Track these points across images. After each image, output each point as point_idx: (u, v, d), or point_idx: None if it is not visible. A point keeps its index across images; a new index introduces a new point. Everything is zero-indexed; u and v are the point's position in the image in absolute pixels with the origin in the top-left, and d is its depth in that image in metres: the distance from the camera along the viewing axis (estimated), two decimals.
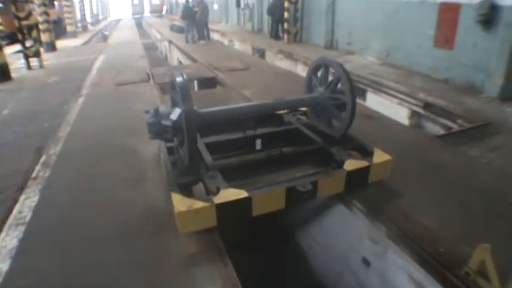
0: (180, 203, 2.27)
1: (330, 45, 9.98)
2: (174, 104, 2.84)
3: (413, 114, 5.45)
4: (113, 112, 4.63)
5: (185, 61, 8.77)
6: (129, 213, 2.60)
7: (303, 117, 3.72)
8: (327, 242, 3.61)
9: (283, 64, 9.70)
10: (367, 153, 3.03)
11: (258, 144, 3.34)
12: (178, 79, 2.47)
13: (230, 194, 2.36)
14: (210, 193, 2.41)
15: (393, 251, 2.73)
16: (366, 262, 3.05)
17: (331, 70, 3.21)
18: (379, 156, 2.92)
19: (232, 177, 2.67)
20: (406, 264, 2.63)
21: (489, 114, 4.64)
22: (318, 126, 3.37)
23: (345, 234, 3.30)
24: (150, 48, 10.00)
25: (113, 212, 2.64)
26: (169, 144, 3.01)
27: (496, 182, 3.10)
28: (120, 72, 6.30)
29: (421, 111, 5.26)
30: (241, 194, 2.38)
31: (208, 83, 6.62)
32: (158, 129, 2.54)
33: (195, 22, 10.79)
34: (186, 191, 2.48)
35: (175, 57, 9.90)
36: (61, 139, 3.86)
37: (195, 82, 6.98)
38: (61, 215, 2.64)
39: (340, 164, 2.89)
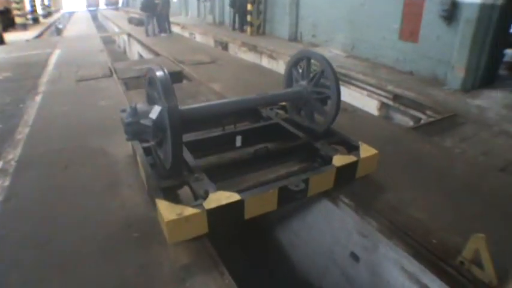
0: (167, 210, 2.04)
1: (294, 37, 9.94)
2: (151, 101, 2.58)
3: (383, 106, 5.53)
4: (77, 110, 4.21)
5: (147, 55, 8.31)
6: (107, 224, 2.32)
7: (281, 112, 3.59)
8: (310, 237, 3.53)
9: (247, 57, 9.52)
10: (352, 148, 2.96)
11: (239, 141, 3.17)
12: (159, 73, 2.23)
13: (221, 197, 2.18)
14: (198, 197, 2.21)
15: (384, 244, 2.69)
16: (355, 257, 3.01)
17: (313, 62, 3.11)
18: (366, 151, 2.86)
19: (217, 177, 2.48)
20: (398, 257, 2.61)
21: (454, 106, 4.81)
22: (299, 121, 3.25)
23: (330, 229, 3.23)
24: (107, 42, 9.30)
25: (88, 224, 2.34)
26: (145, 145, 2.75)
27: (471, 172, 3.17)
28: (80, 68, 5.79)
29: (390, 103, 5.35)
30: (233, 197, 2.20)
31: (174, 77, 6.28)
32: (137, 130, 2.28)
33: (155, 14, 10.26)
34: (171, 196, 2.26)
35: (136, 51, 9.37)
36: (20, 142, 3.42)
37: None
38: (26, 232, 2.28)
39: (326, 160, 2.80)
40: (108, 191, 2.66)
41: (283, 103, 3.65)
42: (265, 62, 8.87)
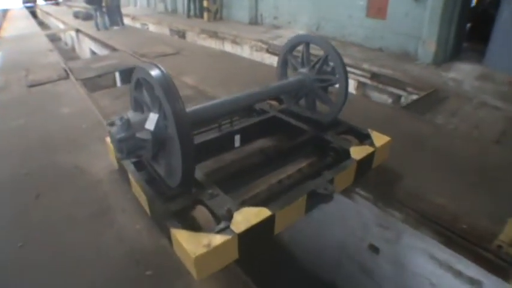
0: (191, 242, 1.62)
1: (255, 21, 9.46)
2: (138, 108, 2.09)
3: (360, 85, 5.34)
4: (35, 122, 3.49)
5: (101, 51, 7.41)
6: (107, 264, 1.84)
7: (275, 103, 3.22)
8: (317, 233, 3.27)
9: (208, 44, 8.92)
10: (362, 137, 2.68)
11: (237, 141, 2.76)
12: (156, 73, 1.74)
13: (249, 215, 1.79)
14: (219, 218, 1.79)
15: (409, 234, 2.48)
16: (374, 249, 2.79)
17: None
18: (379, 139, 2.59)
19: (227, 188, 2.09)
20: (426, 246, 2.41)
21: (431, 80, 4.73)
22: (299, 112, 2.90)
23: (343, 223, 2.97)
24: (52, 40, 8.13)
25: (83, 268, 1.84)
26: (134, 160, 2.25)
27: (471, 148, 3.06)
28: (29, 71, 4.91)
29: (368, 81, 5.17)
30: (262, 213, 1.82)
31: None
32: (132, 146, 1.79)
33: (102, 6, 9.19)
34: (185, 220, 1.82)
35: (87, 47, 8.34)
36: None
37: (117, 74, 5.85)
38: None
39: (341, 153, 2.49)
40: (97, 220, 2.14)
41: None
42: (228, 48, 8.35)
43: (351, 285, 3.08)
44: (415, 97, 4.47)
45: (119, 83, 5.97)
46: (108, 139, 2.55)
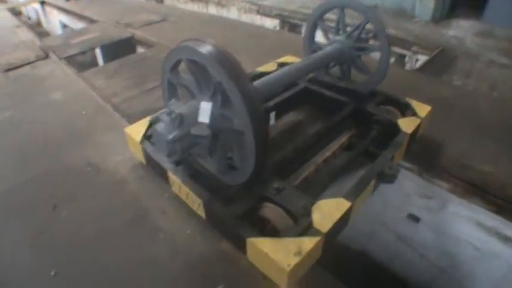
0: (278, 251, 1.34)
1: None
2: (172, 95, 1.70)
3: None
4: (24, 113, 2.93)
5: (74, 24, 6.50)
6: (172, 283, 1.53)
7: None
8: None
9: (189, 7, 8.10)
10: (402, 107, 2.44)
11: (272, 118, 2.42)
12: (209, 49, 1.35)
13: (329, 209, 1.52)
14: (297, 216, 1.51)
15: (456, 203, 2.35)
16: (414, 218, 2.65)
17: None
18: (421, 108, 2.36)
19: (283, 176, 1.80)
20: (472, 214, 2.30)
21: (433, 39, 4.49)
22: (332, 82, 2.56)
23: (378, 194, 2.80)
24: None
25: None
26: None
27: (497, 110, 2.93)
28: (0, 53, 4.16)
29: None
30: (343, 204, 1.56)
31: (125, 45, 4.93)
32: (187, 146, 1.42)
33: None
34: (256, 223, 1.52)
35: (56, 21, 7.27)
36: None
37: (98, 51, 5.13)
38: None
39: (387, 126, 2.24)
40: (138, 229, 1.76)
41: (290, 61, 2.92)
42: (213, 11, 7.63)
43: (385, 252, 2.98)
44: (420, 57, 4.25)
45: (100, 60, 5.26)
46: (128, 130, 2.14)
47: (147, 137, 2.07)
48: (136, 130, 2.12)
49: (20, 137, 2.61)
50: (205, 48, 1.35)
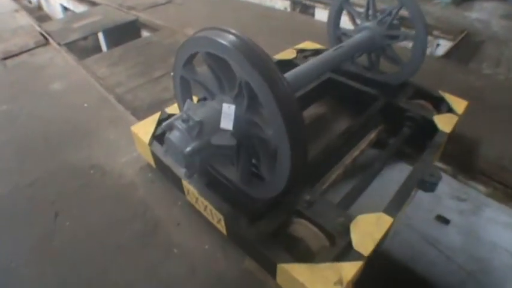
0: (314, 280, 1.12)
1: None
2: (186, 93, 1.46)
3: None
4: (22, 105, 2.68)
5: (76, 6, 6.16)
6: None
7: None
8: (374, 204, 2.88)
9: None
10: (436, 101, 2.18)
11: None
12: (233, 40, 1.09)
13: (369, 227, 1.30)
14: (334, 235, 1.29)
15: (494, 208, 2.13)
16: (443, 220, 2.44)
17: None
18: (457, 103, 2.10)
19: (311, 182, 1.58)
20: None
21: (456, 22, 4.14)
22: (358, 72, 2.30)
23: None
24: None
25: None
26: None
27: None
28: None
29: None
30: (384, 220, 1.34)
31: (126, 30, 4.61)
32: (207, 158, 1.18)
33: None
34: (285, 243, 1.31)
35: (57, 3, 6.91)
36: None
37: (101, 35, 4.82)
38: None
39: (421, 123, 2.00)
40: (150, 244, 1.55)
41: (310, 47, 2.65)
42: None
43: (408, 252, 2.79)
44: (441, 41, 3.93)
45: (103, 45, 4.96)
46: (135, 129, 1.90)
47: (156, 137, 1.84)
48: (144, 129, 1.88)
49: (18, 134, 2.38)
50: (229, 40, 1.10)
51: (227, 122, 1.16)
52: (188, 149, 1.06)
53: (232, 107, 1.19)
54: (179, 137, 1.10)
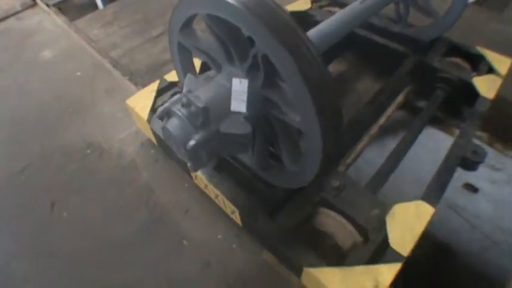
0: (346, 287, 0.95)
1: None
2: (186, 64, 1.19)
3: None
4: (10, 77, 2.37)
5: None
6: None
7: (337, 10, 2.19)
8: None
9: None
10: (473, 59, 1.85)
11: None
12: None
13: (408, 219, 1.09)
14: (367, 229, 1.09)
15: None
16: (471, 188, 2.24)
17: None
18: (499, 62, 1.77)
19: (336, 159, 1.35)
20: None
21: None
22: (386, 26, 1.95)
23: (432, 161, 2.37)
24: None
25: None
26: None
27: None
28: None
29: None
30: (424, 210, 1.12)
31: None
32: (215, 149, 0.93)
33: None
34: (314, 238, 1.11)
35: None
36: None
37: None
38: None
39: (457, 86, 1.71)
40: (155, 233, 1.38)
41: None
42: None
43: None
44: None
45: (99, 1, 4.49)
46: (130, 103, 1.65)
47: (155, 110, 1.60)
48: (142, 102, 1.62)
49: (8, 111, 2.13)
50: None
51: (239, 103, 0.90)
52: (192, 142, 0.82)
53: (245, 83, 0.92)
54: (179, 126, 0.86)
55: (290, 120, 0.87)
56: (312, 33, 1.18)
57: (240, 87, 0.91)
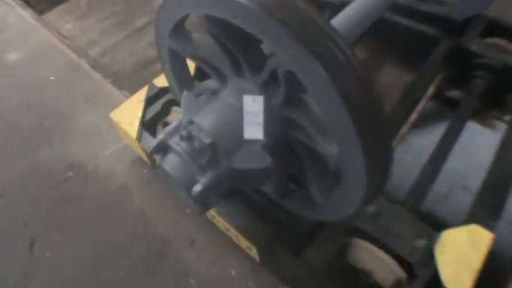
0: None
1: None
2: (178, 72, 1.06)
3: None
4: None
5: None
6: None
7: None
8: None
9: None
10: None
11: None
12: None
13: (463, 250, 0.98)
14: (413, 263, 0.98)
15: None
16: None
17: None
18: None
19: None
20: None
21: None
22: (411, 5, 1.80)
23: (464, 155, 2.26)
24: None
25: None
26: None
27: None
28: None
29: None
30: (482, 238, 1.01)
31: None
32: (227, 188, 0.80)
33: None
34: (347, 276, 1.01)
35: None
36: None
37: None
38: None
39: (501, 73, 1.58)
40: (156, 272, 1.27)
41: None
42: None
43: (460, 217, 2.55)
44: None
45: None
46: (115, 117, 1.52)
47: (146, 124, 1.47)
48: (128, 115, 1.49)
49: None
50: None
51: (254, 129, 0.78)
52: (198, 188, 0.70)
53: (260, 100, 0.79)
54: (180, 166, 0.73)
55: (322, 150, 0.74)
56: (338, 22, 1.04)
57: (254, 107, 0.78)
